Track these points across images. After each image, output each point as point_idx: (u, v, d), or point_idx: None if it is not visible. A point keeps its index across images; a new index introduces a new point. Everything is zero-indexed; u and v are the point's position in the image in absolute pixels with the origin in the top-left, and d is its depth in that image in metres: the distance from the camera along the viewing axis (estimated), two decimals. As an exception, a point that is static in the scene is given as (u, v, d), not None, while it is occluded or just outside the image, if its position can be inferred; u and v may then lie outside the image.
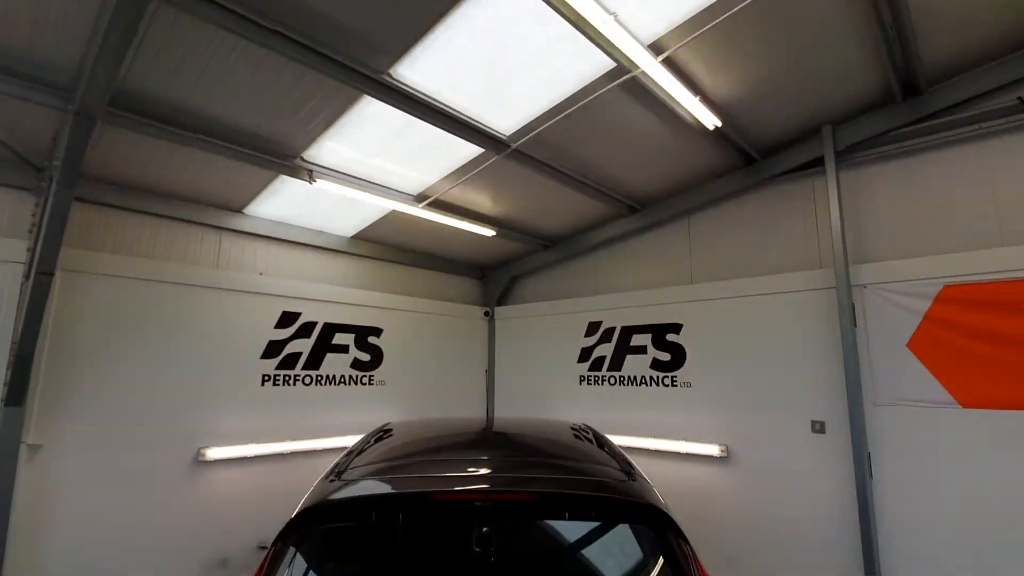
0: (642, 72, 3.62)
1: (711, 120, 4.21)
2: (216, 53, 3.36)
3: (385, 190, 5.28)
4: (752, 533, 4.86)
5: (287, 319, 5.58)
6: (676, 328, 5.77)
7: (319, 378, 5.76)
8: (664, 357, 5.82)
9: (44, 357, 4.06)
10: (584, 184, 5.48)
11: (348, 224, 6.09)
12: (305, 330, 5.71)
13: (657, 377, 5.84)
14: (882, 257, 4.58)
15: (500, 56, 3.63)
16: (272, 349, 5.42)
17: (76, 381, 4.23)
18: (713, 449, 5.16)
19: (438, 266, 7.46)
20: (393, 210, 5.59)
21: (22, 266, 4.00)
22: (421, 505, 1.98)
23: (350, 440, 3.20)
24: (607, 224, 6.56)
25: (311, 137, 4.36)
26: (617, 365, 6.21)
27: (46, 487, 4.02)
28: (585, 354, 6.55)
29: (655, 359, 5.88)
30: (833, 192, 4.70)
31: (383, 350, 6.41)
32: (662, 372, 5.81)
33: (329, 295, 5.98)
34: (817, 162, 4.88)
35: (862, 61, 3.97)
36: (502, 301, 7.97)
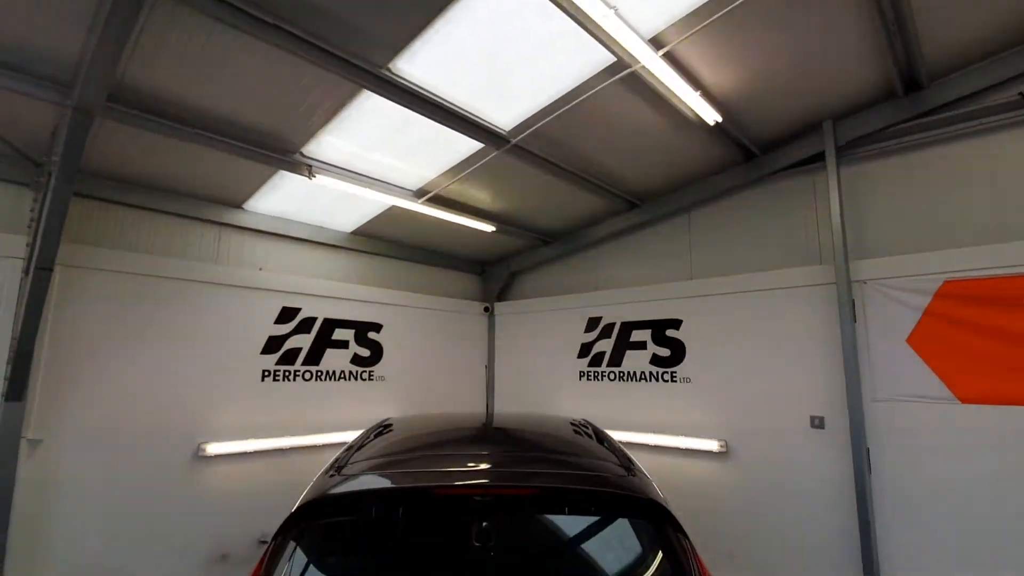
0: (642, 67, 3.61)
1: (711, 115, 4.20)
2: (215, 47, 3.34)
3: (385, 185, 5.27)
4: (751, 528, 4.88)
5: (287, 315, 5.59)
6: (676, 324, 5.78)
7: (319, 374, 5.76)
8: (664, 353, 5.82)
9: (44, 352, 4.06)
10: (584, 179, 5.47)
11: (348, 220, 6.08)
12: (305, 326, 5.71)
13: (657, 373, 5.85)
14: (882, 253, 4.57)
15: (500, 50, 3.62)
16: (272, 344, 5.42)
17: (76, 376, 4.23)
18: (712, 444, 5.17)
19: (438, 262, 7.46)
20: (393, 205, 5.58)
21: (21, 261, 3.99)
22: (421, 499, 1.98)
23: (350, 435, 3.20)
24: (607, 220, 6.55)
25: (310, 132, 4.35)
26: (617, 361, 6.21)
27: (47, 482, 4.03)
28: (585, 350, 6.55)
29: (655, 355, 5.89)
30: (834, 187, 4.68)
31: (383, 346, 6.41)
32: (662, 368, 5.81)
33: (329, 291, 5.98)
34: (818, 157, 4.86)
35: (863, 56, 3.95)
36: (502, 297, 7.97)
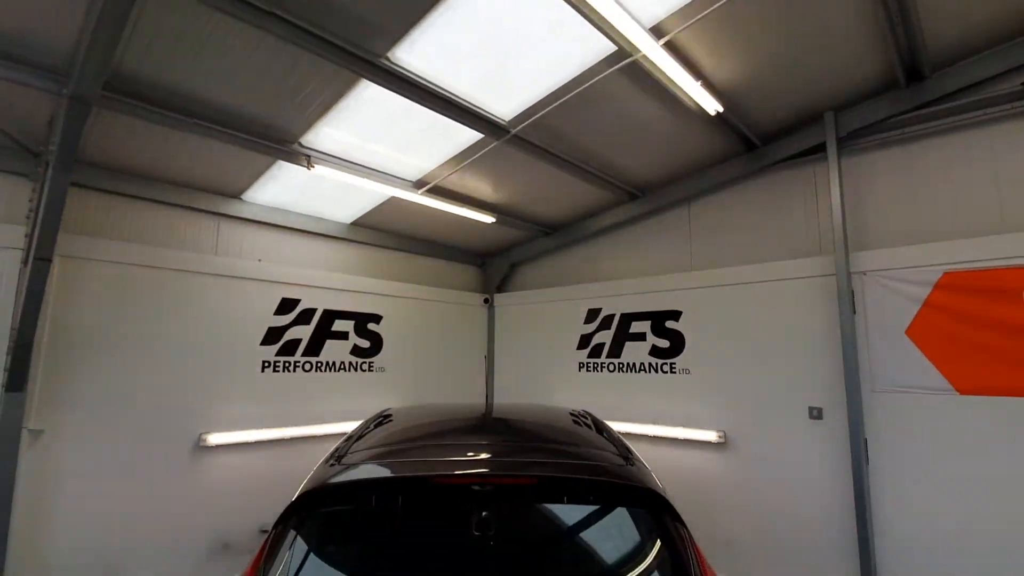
0: (643, 56, 3.58)
1: (712, 105, 4.17)
2: (212, 35, 3.31)
3: (384, 176, 5.25)
4: (749, 517, 4.91)
5: (286, 306, 5.58)
6: (675, 315, 5.78)
7: (319, 364, 5.77)
8: (663, 344, 5.83)
9: (44, 343, 4.06)
10: (584, 170, 5.44)
11: (347, 211, 6.06)
12: (304, 317, 5.71)
13: (656, 364, 5.86)
14: (883, 244, 4.57)
15: (499, 39, 3.59)
16: (272, 336, 5.43)
17: (77, 367, 4.24)
18: (711, 435, 5.19)
19: (438, 253, 7.44)
20: (392, 196, 5.56)
21: (20, 252, 3.99)
22: (420, 489, 1.99)
23: (350, 426, 3.21)
24: (607, 211, 6.54)
25: (309, 122, 4.32)
26: (616, 352, 6.22)
27: (48, 472, 4.04)
28: (584, 341, 6.56)
29: (654, 346, 5.90)
30: (834, 178, 4.67)
31: (383, 337, 6.42)
32: (661, 359, 5.82)
33: (328, 282, 5.98)
34: (819, 148, 4.84)
35: (866, 46, 3.92)
36: (502, 288, 7.97)
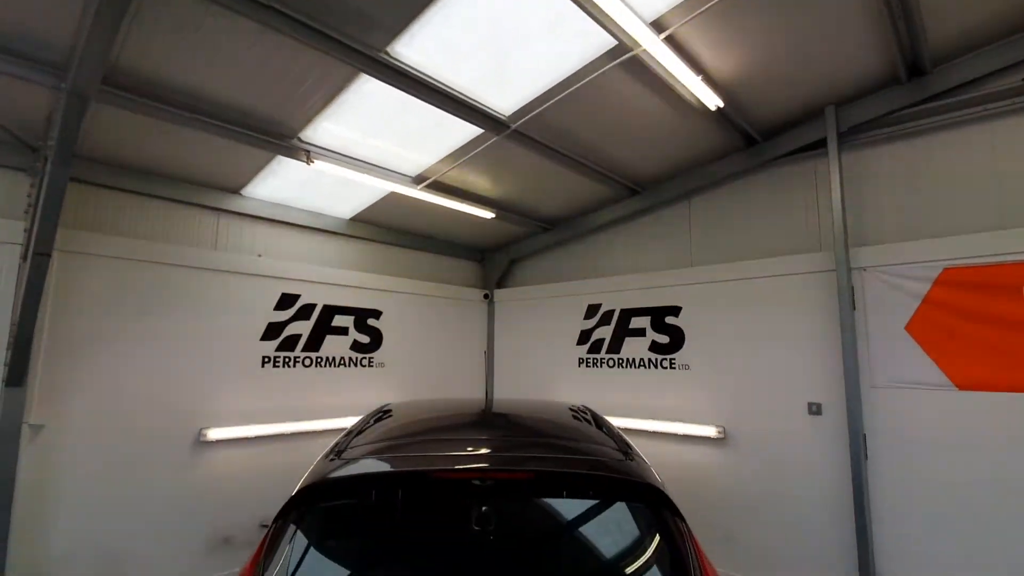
0: (644, 50, 3.57)
1: (713, 100, 4.16)
2: (210, 30, 3.29)
3: (383, 171, 5.23)
4: (748, 512, 4.92)
5: (286, 301, 5.58)
6: (675, 311, 5.78)
7: (319, 360, 5.78)
8: (663, 339, 5.83)
9: (44, 337, 4.07)
10: (584, 165, 5.43)
11: (346, 206, 6.05)
12: (304, 312, 5.71)
13: (656, 359, 5.86)
14: (883, 239, 4.56)
15: (499, 34, 3.57)
16: (271, 331, 5.43)
17: (77, 361, 4.24)
18: (710, 430, 5.20)
19: (437, 248, 7.44)
20: (391, 192, 5.55)
21: (19, 247, 3.98)
22: (419, 483, 2.00)
23: (350, 421, 3.21)
24: (607, 206, 6.52)
25: (308, 117, 4.30)
26: (616, 347, 6.23)
27: (49, 466, 4.05)
28: (584, 336, 6.56)
29: (654, 341, 5.90)
30: (835, 174, 4.65)
31: (382, 332, 6.42)
32: (660, 354, 5.83)
33: (328, 277, 5.97)
34: (819, 144, 4.82)
35: (867, 40, 3.90)
36: (501, 284, 7.97)
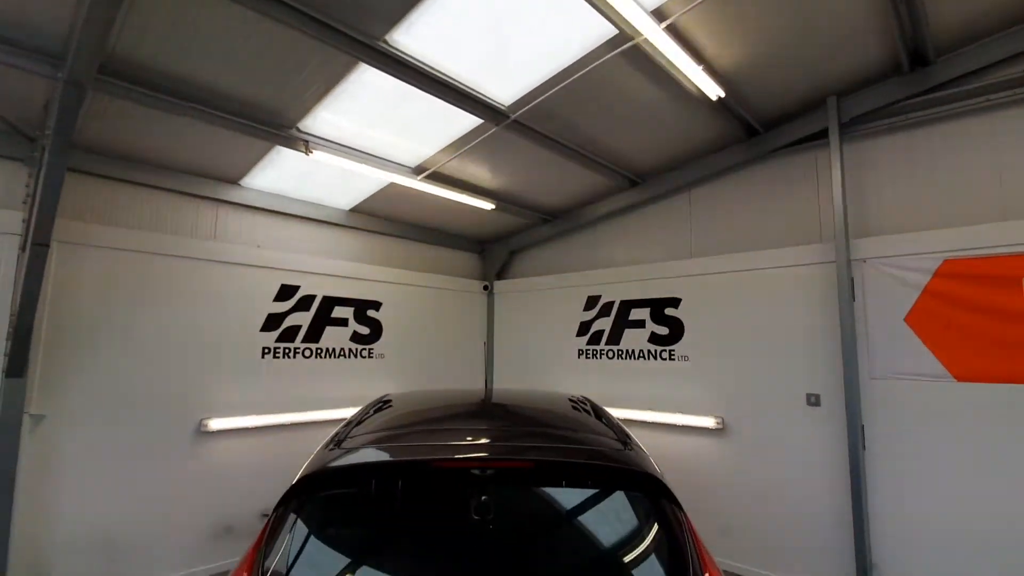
0: (644, 40, 3.53)
1: (714, 90, 4.13)
2: (208, 18, 3.27)
3: (382, 162, 5.21)
4: (746, 502, 4.95)
5: (286, 292, 5.58)
6: (675, 302, 5.78)
7: (319, 351, 5.78)
8: (662, 331, 5.84)
9: (44, 328, 4.07)
10: (584, 156, 5.41)
11: (346, 197, 6.03)
12: (304, 303, 5.71)
13: (655, 351, 5.87)
14: (883, 231, 4.55)
15: (499, 22, 3.53)
16: (271, 322, 5.43)
17: (77, 352, 4.24)
18: (709, 421, 5.22)
19: (437, 240, 7.43)
20: (391, 183, 5.53)
21: (18, 237, 3.97)
22: (419, 473, 2.00)
23: (350, 412, 3.22)
24: (607, 198, 6.50)
25: (307, 107, 4.28)
26: (615, 339, 6.23)
27: (50, 457, 4.07)
28: (584, 328, 6.57)
29: (653, 333, 5.91)
30: (836, 165, 4.64)
31: (382, 323, 6.42)
32: (660, 346, 5.83)
33: (328, 268, 5.97)
34: (820, 134, 4.80)
35: (869, 30, 3.87)
36: (501, 275, 7.96)
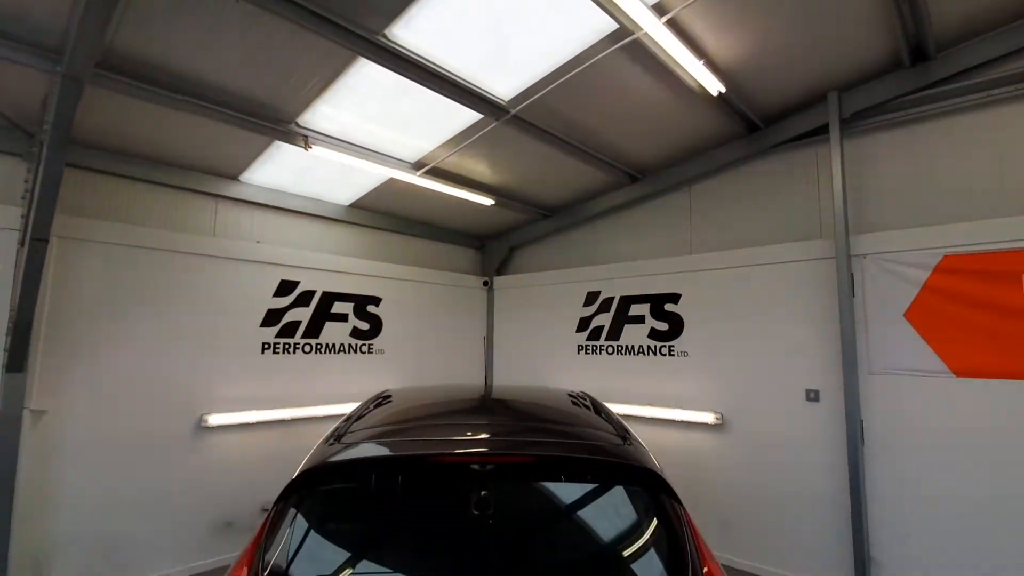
0: (645, 34, 3.51)
1: (715, 85, 4.12)
2: (206, 12, 3.24)
3: (382, 157, 5.20)
4: (745, 497, 4.97)
5: (285, 288, 5.58)
6: (675, 298, 5.78)
7: (319, 346, 5.79)
8: (662, 327, 5.84)
9: (43, 324, 4.07)
10: (584, 152, 5.39)
11: (345, 192, 6.02)
12: (304, 299, 5.71)
13: (654, 347, 5.87)
14: (884, 226, 4.55)
15: (499, 16, 3.52)
16: (271, 317, 5.43)
17: (77, 348, 4.25)
18: (708, 416, 5.23)
19: (437, 236, 7.42)
20: (390, 178, 5.52)
21: (17, 233, 3.96)
22: (419, 467, 2.01)
23: (349, 407, 3.22)
24: (607, 193, 6.49)
25: (306, 101, 4.26)
26: (615, 335, 6.24)
27: (51, 451, 4.08)
28: (583, 324, 6.57)
29: (653, 329, 5.91)
30: (836, 160, 4.62)
31: (382, 319, 6.42)
32: (659, 341, 5.84)
33: (327, 264, 5.96)
34: (821, 130, 4.79)
35: (871, 24, 3.85)
36: (501, 271, 7.96)
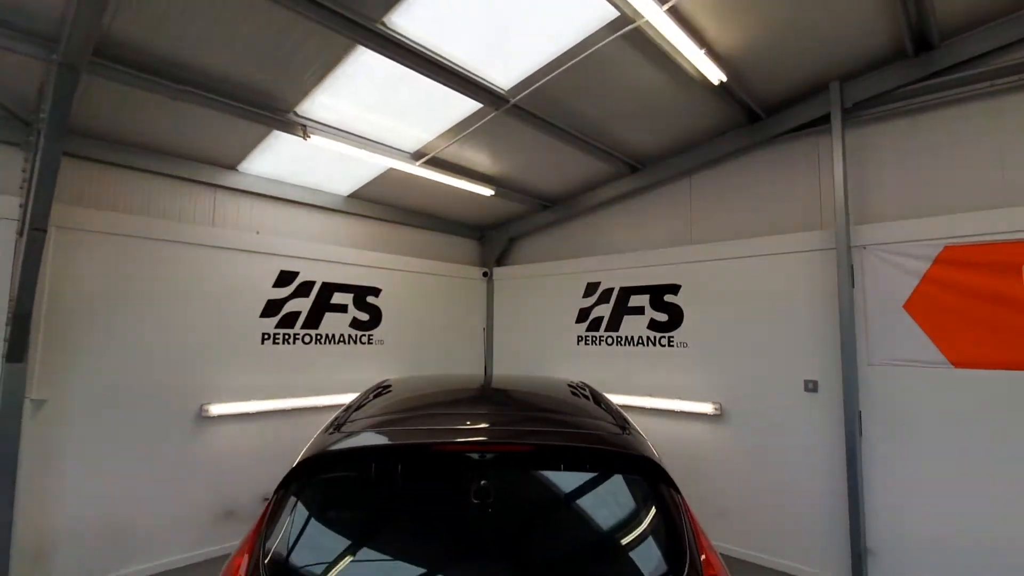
0: (646, 22, 3.49)
1: (716, 74, 4.09)
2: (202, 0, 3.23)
3: (381, 147, 5.18)
4: (743, 487, 5.00)
5: (285, 278, 5.57)
6: (674, 289, 5.78)
7: (318, 337, 5.79)
8: (661, 318, 5.84)
9: (43, 314, 4.07)
10: (584, 142, 5.37)
11: (344, 183, 6.00)
12: (303, 289, 5.71)
13: (654, 337, 5.88)
14: (884, 217, 4.54)
15: (499, 4, 3.48)
16: (271, 308, 5.43)
17: (77, 337, 4.25)
18: (707, 407, 5.25)
19: (436, 226, 7.40)
20: (390, 168, 5.50)
21: (15, 222, 3.95)
22: (418, 456, 2.01)
23: (349, 397, 3.23)
24: (607, 184, 6.47)
25: (304, 91, 4.23)
26: (615, 325, 6.24)
27: (52, 441, 4.09)
28: (583, 314, 6.57)
29: (652, 319, 5.91)
30: (838, 151, 4.60)
31: (382, 310, 6.42)
32: (659, 332, 5.84)
33: (327, 254, 5.95)
34: (823, 120, 4.76)
35: (874, 13, 3.81)
36: (501, 261, 7.95)
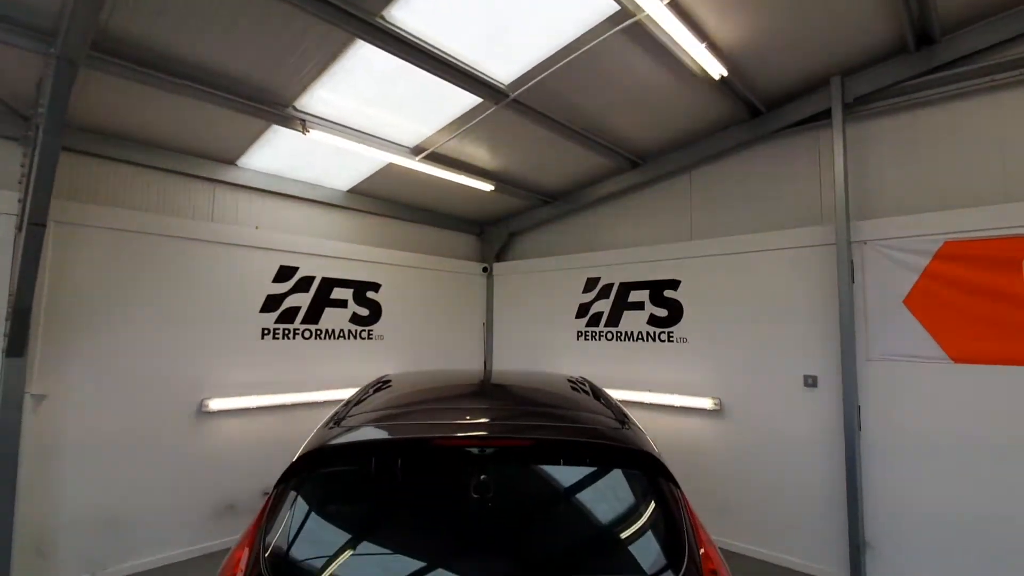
0: (647, 16, 3.47)
1: (717, 69, 4.07)
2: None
3: (380, 142, 5.16)
4: (742, 482, 5.01)
5: (285, 273, 5.57)
6: (674, 284, 5.78)
7: (318, 332, 5.79)
8: (661, 313, 5.84)
9: (43, 308, 4.07)
10: (584, 137, 5.35)
11: (344, 178, 5.98)
12: (303, 284, 5.71)
13: (654, 333, 5.88)
14: (885, 212, 4.53)
15: (498, -2, 3.48)
16: (270, 303, 5.43)
17: (77, 332, 4.25)
18: (707, 402, 5.26)
19: (436, 221, 7.40)
20: (389, 163, 5.49)
21: (14, 217, 3.95)
22: (418, 451, 2.02)
23: (349, 392, 3.24)
24: (607, 179, 6.46)
25: (303, 85, 4.22)
26: (615, 321, 6.24)
27: (53, 436, 4.10)
28: (583, 310, 6.58)
29: (652, 315, 5.91)
30: (839, 146, 4.59)
31: (382, 305, 6.43)
32: (659, 328, 5.85)
33: (327, 250, 5.95)
34: (823, 115, 4.75)
35: (876, 7, 3.80)
36: (501, 257, 7.95)
